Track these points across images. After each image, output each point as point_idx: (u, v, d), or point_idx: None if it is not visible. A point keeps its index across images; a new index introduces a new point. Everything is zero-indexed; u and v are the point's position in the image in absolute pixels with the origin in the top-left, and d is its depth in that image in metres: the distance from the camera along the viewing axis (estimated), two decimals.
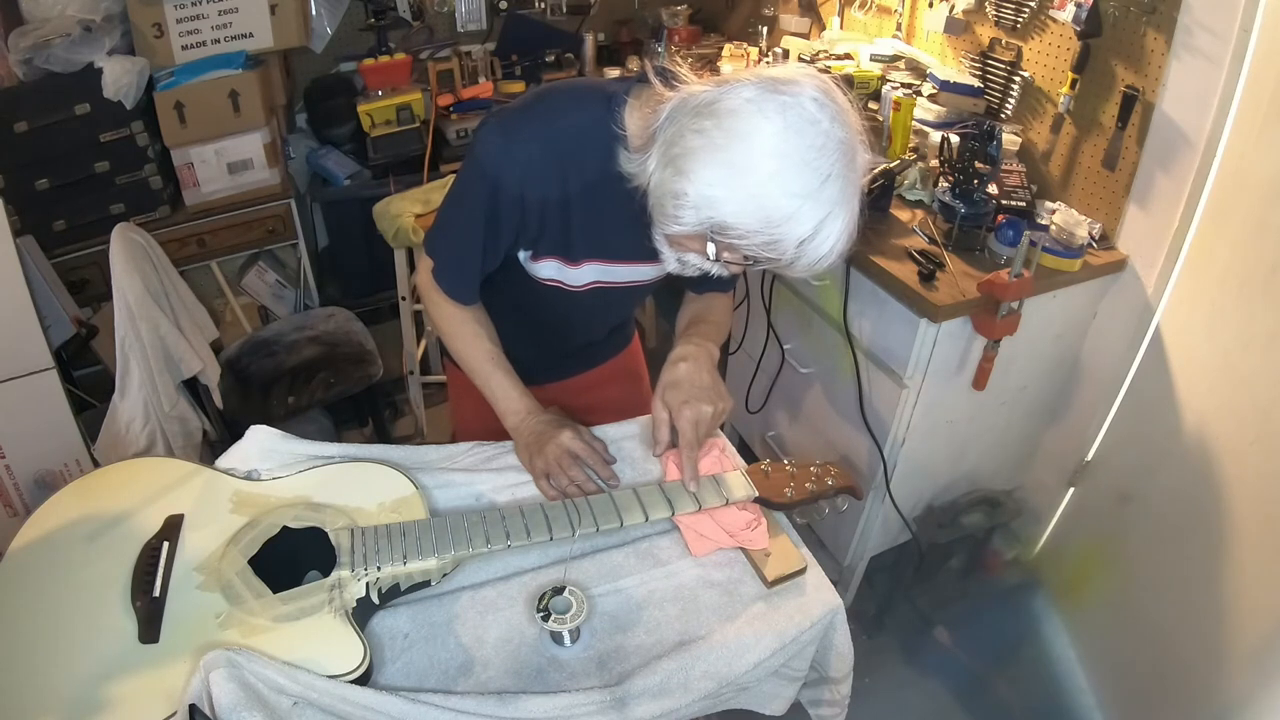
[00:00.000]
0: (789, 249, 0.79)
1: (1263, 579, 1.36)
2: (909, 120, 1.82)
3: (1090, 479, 1.79)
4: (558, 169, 0.92)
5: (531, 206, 0.94)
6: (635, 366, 1.39)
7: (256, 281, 2.59)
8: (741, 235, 0.80)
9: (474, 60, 2.63)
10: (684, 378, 1.01)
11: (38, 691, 0.71)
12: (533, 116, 0.93)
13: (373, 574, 0.82)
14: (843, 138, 0.77)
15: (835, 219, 0.78)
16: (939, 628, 1.91)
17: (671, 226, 0.84)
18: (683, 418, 0.98)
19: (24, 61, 1.97)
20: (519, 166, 0.91)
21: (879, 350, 1.62)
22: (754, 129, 0.76)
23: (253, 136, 2.29)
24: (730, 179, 0.77)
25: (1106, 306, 1.67)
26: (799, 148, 0.76)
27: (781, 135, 0.76)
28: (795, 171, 0.76)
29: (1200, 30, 1.37)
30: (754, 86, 0.78)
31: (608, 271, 1.05)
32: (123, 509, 0.88)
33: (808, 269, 0.82)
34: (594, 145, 0.90)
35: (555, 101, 0.95)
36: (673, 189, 0.81)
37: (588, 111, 0.90)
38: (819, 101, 0.77)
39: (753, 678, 0.85)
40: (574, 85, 1.00)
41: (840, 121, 0.78)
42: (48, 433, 1.71)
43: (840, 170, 0.77)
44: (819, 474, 1.01)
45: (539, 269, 1.04)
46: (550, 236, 0.99)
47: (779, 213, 0.77)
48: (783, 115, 0.76)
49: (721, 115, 0.78)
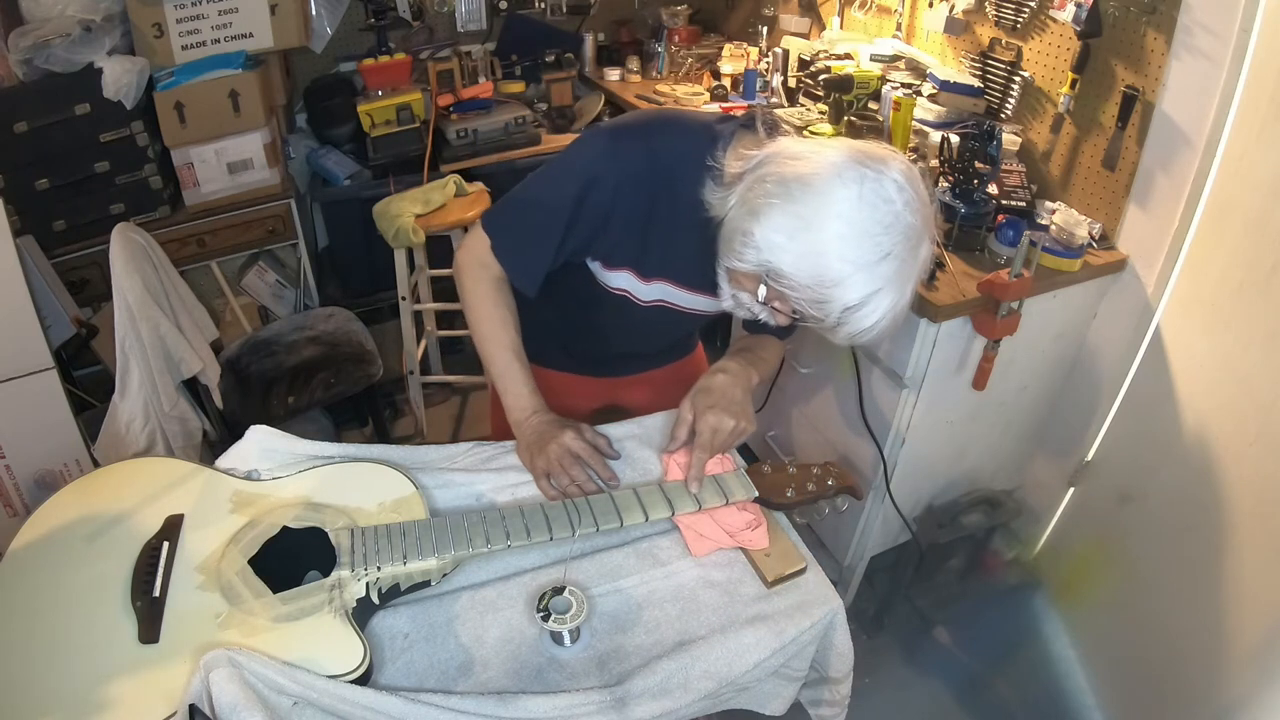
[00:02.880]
0: (834, 312, 0.82)
1: (1263, 579, 1.36)
2: (909, 120, 1.82)
3: (1090, 479, 1.79)
4: (650, 186, 0.96)
5: (616, 215, 0.98)
6: (692, 374, 1.39)
7: (256, 281, 2.59)
8: (793, 287, 0.83)
9: (474, 60, 2.64)
10: (718, 386, 1.04)
11: (38, 691, 0.71)
12: (643, 132, 0.98)
13: (373, 574, 0.82)
14: (911, 223, 0.80)
15: (885, 296, 0.81)
16: (939, 628, 1.91)
17: (733, 261, 0.89)
18: (704, 421, 1.00)
19: (24, 61, 1.97)
20: (618, 174, 0.96)
21: (879, 350, 1.62)
22: (830, 191, 0.80)
23: (253, 136, 2.29)
24: (795, 230, 0.81)
25: (1106, 306, 1.67)
26: (867, 220, 0.79)
27: (854, 204, 0.79)
28: (857, 240, 0.79)
29: (1200, 30, 1.38)
30: (844, 153, 0.82)
31: (674, 294, 1.09)
32: (123, 509, 0.88)
33: (849, 338, 0.85)
34: (689, 173, 0.93)
35: (667, 125, 1.00)
36: (742, 226, 0.85)
37: (692, 141, 0.94)
38: (898, 184, 0.80)
39: (753, 678, 0.85)
40: (686, 116, 1.04)
41: (914, 209, 0.81)
42: (48, 433, 1.71)
43: (901, 252, 0.80)
44: (819, 474, 1.01)
45: (612, 278, 1.07)
46: (626, 248, 1.03)
47: (831, 275, 0.80)
48: (860, 185, 0.79)
49: (805, 173, 0.82)
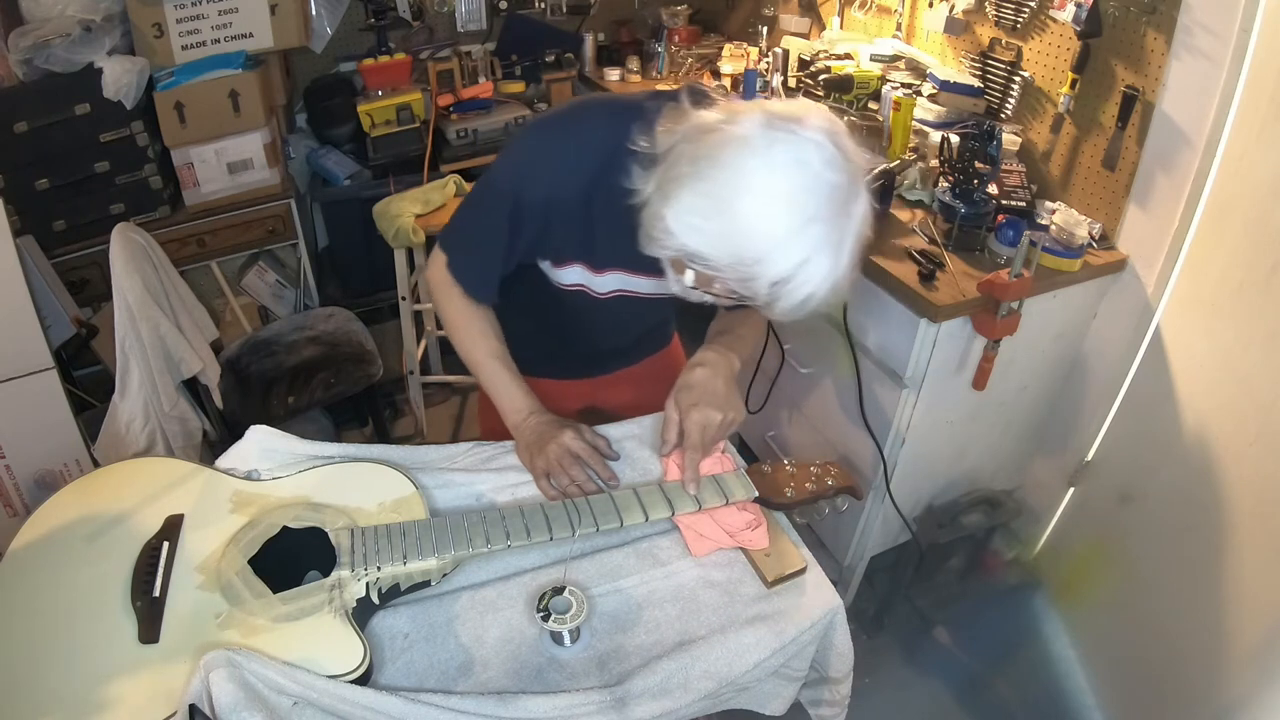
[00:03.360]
0: (762, 289, 0.77)
1: (1263, 579, 1.36)
2: (909, 120, 1.82)
3: (1090, 479, 1.79)
4: (583, 178, 0.93)
5: (555, 217, 0.96)
6: (671, 368, 1.37)
7: (256, 281, 2.59)
8: (717, 268, 0.78)
9: (474, 60, 2.64)
10: (699, 382, 1.01)
11: (38, 691, 0.71)
12: (565, 125, 0.96)
13: (373, 574, 0.82)
14: (834, 182, 0.74)
15: (816, 263, 0.75)
16: (939, 628, 1.91)
17: (654, 249, 0.83)
18: (691, 420, 0.98)
19: (24, 61, 1.97)
20: (544, 177, 0.93)
21: (879, 350, 1.62)
22: (738, 164, 0.74)
23: (253, 136, 2.29)
24: (708, 210, 0.75)
25: (1106, 306, 1.67)
26: (782, 187, 0.73)
27: (766, 173, 0.73)
28: (773, 211, 0.74)
29: (1200, 30, 1.37)
30: (755, 119, 0.76)
31: (631, 282, 1.05)
32: (123, 509, 0.88)
33: (787, 313, 0.79)
34: (617, 159, 0.88)
35: (589, 113, 0.97)
36: (656, 212, 0.80)
37: (618, 125, 0.89)
38: (815, 143, 0.74)
39: (753, 678, 0.85)
40: (610, 99, 1.01)
41: (836, 166, 0.75)
42: (48, 433, 1.71)
43: (827, 214, 0.74)
44: (819, 474, 1.01)
45: (563, 275, 1.05)
46: (573, 243, 1.01)
47: (751, 252, 0.75)
48: (769, 152, 0.74)
49: (713, 145, 0.76)
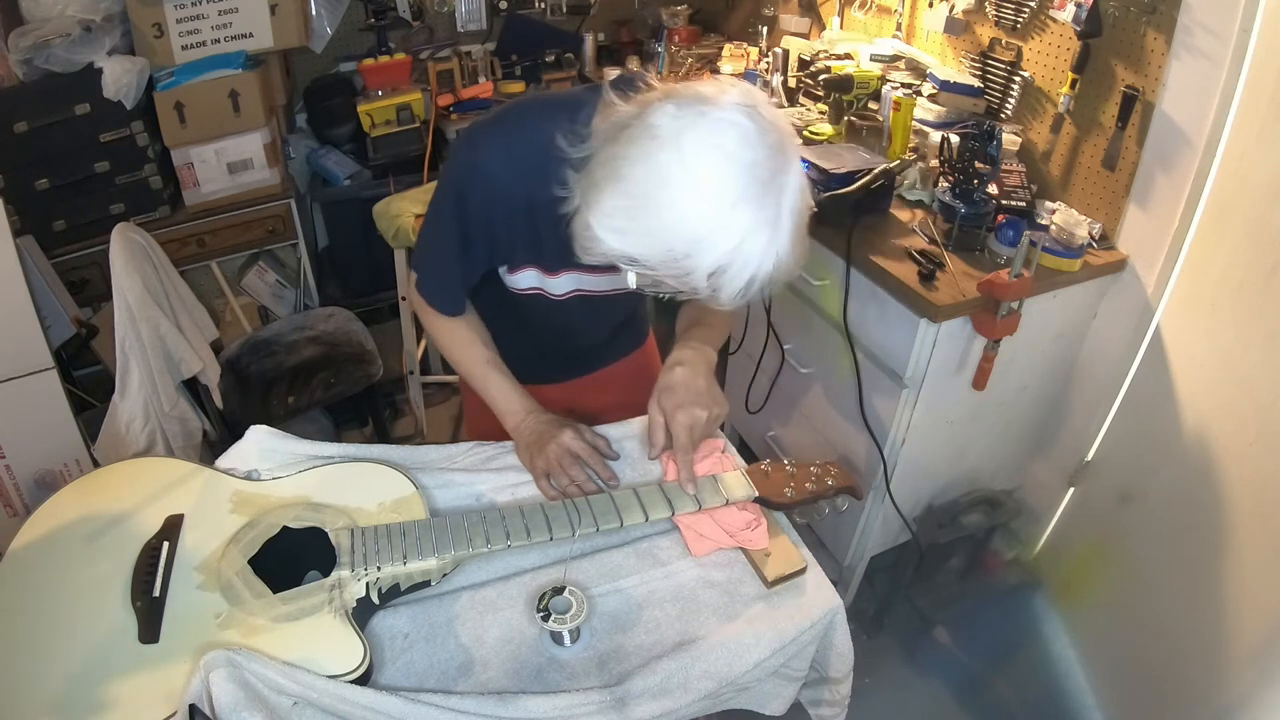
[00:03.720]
0: (700, 282, 0.74)
1: (1263, 579, 1.36)
2: (909, 120, 1.82)
3: (1090, 479, 1.79)
4: (522, 183, 0.90)
5: (499, 219, 0.95)
6: (649, 366, 1.39)
7: (256, 281, 2.59)
8: (651, 268, 0.75)
9: (474, 60, 2.64)
10: (679, 382, 0.99)
11: (38, 691, 0.71)
12: (498, 130, 0.93)
13: (373, 574, 0.82)
14: (753, 159, 0.71)
15: (750, 247, 0.72)
16: (939, 628, 1.91)
17: (588, 257, 0.78)
18: (677, 422, 0.97)
19: (24, 61, 1.98)
20: (482, 181, 0.92)
21: (879, 350, 1.62)
22: (649, 158, 0.71)
23: (253, 136, 2.29)
24: (629, 211, 0.72)
25: (1106, 306, 1.67)
26: (698, 174, 0.70)
27: (678, 163, 0.70)
28: (692, 201, 0.70)
29: (1200, 30, 1.37)
30: (664, 109, 0.73)
31: (587, 280, 1.04)
32: (123, 509, 0.88)
33: (733, 300, 0.76)
34: (556, 159, 0.82)
35: (522, 114, 0.94)
36: (582, 220, 0.76)
37: (553, 123, 0.84)
38: (730, 121, 0.71)
39: (753, 678, 0.85)
40: (544, 97, 0.99)
41: (752, 141, 0.71)
42: (48, 433, 1.71)
43: (752, 193, 0.71)
44: (819, 474, 1.01)
45: (518, 280, 1.04)
46: (523, 247, 1.00)
47: (679, 247, 0.71)
48: (679, 140, 0.70)
49: (624, 143, 0.73)
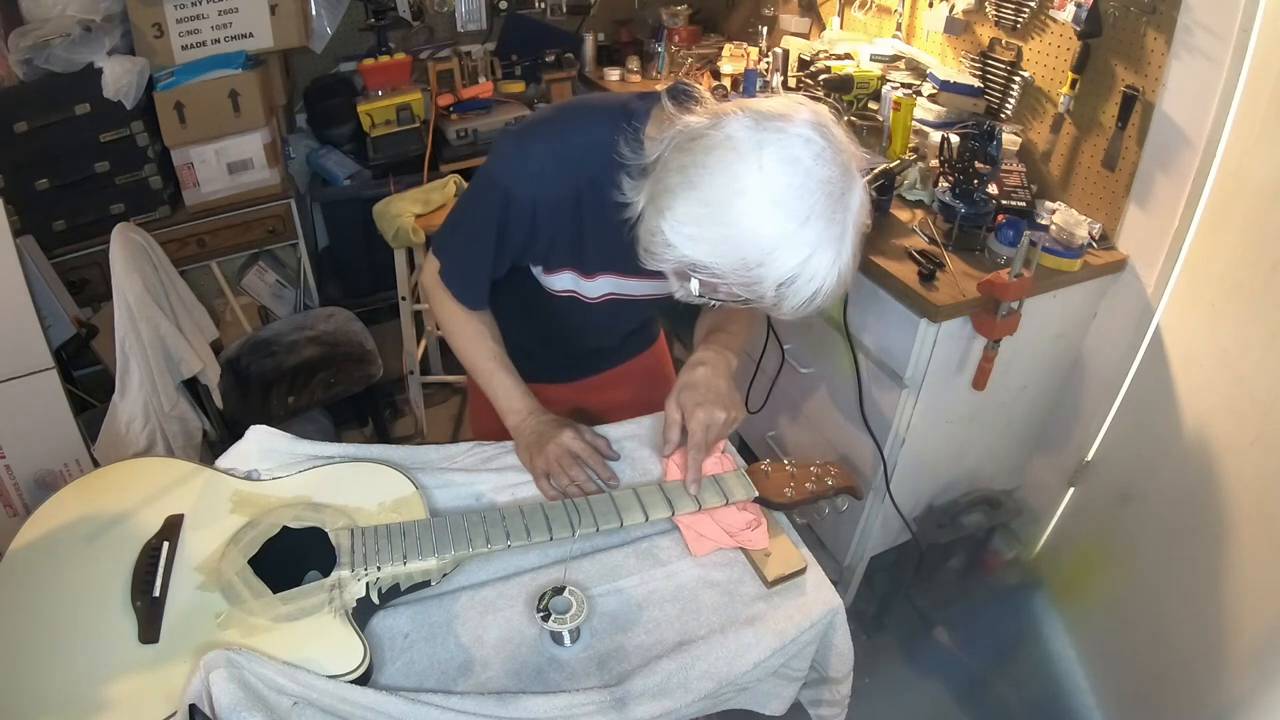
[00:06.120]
0: (768, 291, 0.76)
1: (1263, 579, 1.35)
2: (909, 120, 1.82)
3: (1090, 479, 1.79)
4: (569, 184, 0.92)
5: (542, 219, 0.95)
6: (658, 367, 1.38)
7: (256, 281, 2.59)
8: (720, 275, 0.77)
9: (474, 60, 2.64)
10: (701, 381, 1.00)
11: (38, 691, 0.71)
12: (549, 130, 0.94)
13: (373, 574, 0.82)
14: (826, 176, 0.73)
15: (818, 260, 0.74)
16: (939, 628, 1.91)
17: (653, 263, 0.82)
18: (695, 419, 0.98)
19: (24, 61, 1.98)
20: (531, 179, 0.92)
21: (879, 350, 1.62)
22: (728, 168, 0.74)
23: (253, 136, 2.29)
24: (703, 219, 0.75)
25: (1106, 306, 1.67)
26: (775, 188, 0.73)
27: (757, 175, 0.73)
28: (769, 213, 0.73)
29: (1200, 30, 1.37)
30: (741, 121, 0.75)
31: (621, 285, 1.05)
32: (123, 509, 0.88)
33: (795, 312, 0.78)
34: (606, 163, 0.87)
35: (573, 116, 0.95)
36: (652, 225, 0.79)
37: (604, 128, 0.88)
38: (804, 139, 0.74)
39: (753, 678, 0.85)
40: (594, 100, 0.99)
41: (826, 160, 0.74)
42: (48, 433, 1.71)
43: (824, 210, 0.73)
44: (819, 474, 1.01)
45: (554, 281, 1.05)
46: (562, 249, 1.00)
47: (753, 256, 0.74)
48: (759, 154, 0.73)
49: (701, 152, 0.75)
